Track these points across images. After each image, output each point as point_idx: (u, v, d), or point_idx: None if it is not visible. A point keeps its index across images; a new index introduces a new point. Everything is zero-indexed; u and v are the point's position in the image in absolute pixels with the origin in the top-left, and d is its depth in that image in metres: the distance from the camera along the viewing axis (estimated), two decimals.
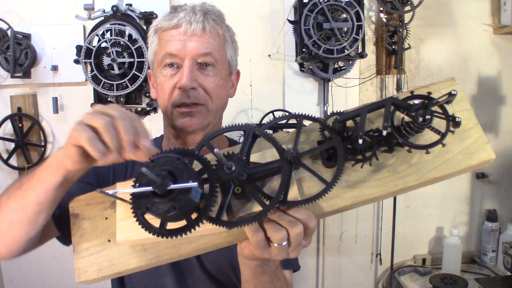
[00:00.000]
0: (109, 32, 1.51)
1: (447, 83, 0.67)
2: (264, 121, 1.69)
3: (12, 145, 1.78)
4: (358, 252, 1.90)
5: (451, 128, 0.58)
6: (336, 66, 1.67)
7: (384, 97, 1.81)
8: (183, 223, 0.54)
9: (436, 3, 1.77)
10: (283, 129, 1.65)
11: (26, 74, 1.71)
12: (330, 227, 1.87)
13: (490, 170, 1.87)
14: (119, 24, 1.51)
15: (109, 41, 1.49)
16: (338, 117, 0.60)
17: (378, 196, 0.61)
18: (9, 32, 1.63)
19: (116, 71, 1.50)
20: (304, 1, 1.54)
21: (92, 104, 1.60)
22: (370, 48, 1.78)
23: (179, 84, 0.81)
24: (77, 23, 1.68)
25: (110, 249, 0.66)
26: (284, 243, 0.57)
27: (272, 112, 1.68)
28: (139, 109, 1.66)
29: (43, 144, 1.77)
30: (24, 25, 1.71)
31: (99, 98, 1.60)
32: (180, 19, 0.81)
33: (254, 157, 0.62)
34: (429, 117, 0.57)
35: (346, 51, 1.55)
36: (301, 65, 1.73)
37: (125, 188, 0.56)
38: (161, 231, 0.55)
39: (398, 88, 1.73)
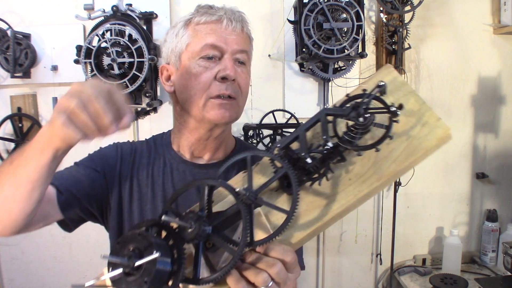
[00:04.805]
0: (109, 32, 1.51)
1: (385, 72, 0.65)
2: (264, 121, 1.69)
3: (12, 145, 1.77)
4: (358, 252, 1.90)
5: (394, 119, 0.56)
6: (336, 66, 1.66)
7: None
8: None
9: (436, 3, 1.77)
10: (283, 129, 1.65)
11: (26, 74, 1.71)
12: (330, 227, 1.86)
13: (490, 170, 1.87)
14: (119, 24, 1.51)
15: (109, 41, 1.49)
16: (279, 145, 0.60)
17: (346, 207, 0.60)
18: (9, 32, 1.62)
19: (116, 71, 1.50)
20: (304, 1, 1.54)
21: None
22: (370, 48, 1.78)
23: (224, 74, 0.81)
24: (77, 23, 1.68)
25: None
26: (270, 283, 0.56)
27: (272, 112, 1.68)
28: (139, 109, 1.66)
29: None
30: (24, 25, 1.71)
31: None
32: (222, 16, 0.84)
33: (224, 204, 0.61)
34: (368, 115, 0.55)
35: (346, 51, 1.55)
36: (301, 65, 1.73)
37: (95, 279, 0.55)
38: None
39: None
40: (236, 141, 0.99)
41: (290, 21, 1.62)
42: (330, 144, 0.57)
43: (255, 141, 1.64)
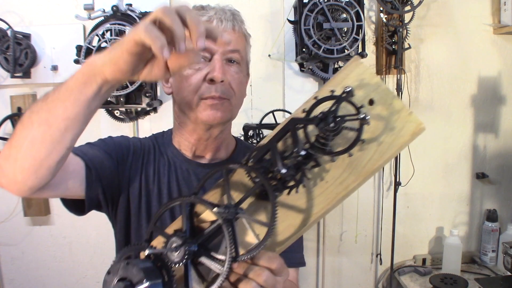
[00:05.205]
0: (109, 32, 1.51)
1: (352, 65, 0.63)
2: (264, 121, 1.69)
3: None
4: (358, 252, 1.90)
5: (366, 121, 0.55)
6: (336, 66, 1.66)
7: None
8: None
9: (436, 3, 1.77)
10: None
11: (26, 74, 1.71)
12: (330, 227, 1.87)
13: (490, 170, 1.87)
14: (119, 24, 1.51)
15: (109, 41, 1.49)
16: (252, 160, 0.60)
17: (326, 210, 0.60)
18: (9, 32, 1.62)
19: None
20: (304, 1, 1.54)
21: None
22: (370, 48, 1.78)
23: (212, 76, 0.81)
24: (77, 23, 1.68)
25: None
26: None
27: (272, 112, 1.68)
28: (139, 109, 1.66)
29: None
30: (24, 25, 1.71)
31: None
32: (211, 16, 0.84)
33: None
34: (342, 120, 0.55)
35: (346, 51, 1.55)
36: (301, 65, 1.73)
37: None
38: None
39: (398, 88, 1.73)
40: (236, 141, 0.99)
41: (290, 21, 1.62)
42: (302, 153, 0.57)
43: (255, 141, 1.64)
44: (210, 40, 0.56)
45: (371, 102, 0.59)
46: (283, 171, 0.56)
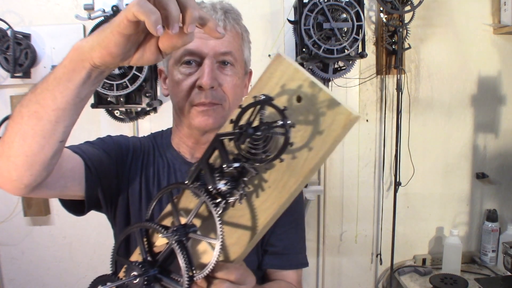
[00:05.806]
0: None
1: (275, 63, 0.60)
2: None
3: None
4: (358, 252, 1.90)
5: (289, 125, 0.53)
6: (336, 66, 1.66)
7: (384, 97, 1.81)
8: None
9: (436, 3, 1.77)
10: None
11: (26, 74, 1.71)
12: (330, 227, 1.87)
13: (490, 170, 1.87)
14: None
15: None
16: (186, 181, 0.61)
17: (274, 214, 0.60)
18: (9, 32, 1.62)
19: (116, 71, 1.50)
20: (304, 1, 1.54)
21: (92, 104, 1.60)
22: (370, 48, 1.78)
23: (200, 83, 0.79)
24: (77, 23, 1.68)
25: None
26: None
27: None
28: (139, 109, 1.66)
29: None
30: (24, 25, 1.71)
31: (99, 98, 1.60)
32: None
33: None
34: (264, 128, 0.54)
35: (346, 51, 1.55)
36: (301, 65, 1.72)
37: None
38: None
39: (398, 88, 1.73)
40: None
41: (290, 21, 1.62)
42: (236, 165, 0.56)
43: None
44: (202, 28, 0.54)
45: (299, 99, 0.56)
46: (221, 187, 0.56)
